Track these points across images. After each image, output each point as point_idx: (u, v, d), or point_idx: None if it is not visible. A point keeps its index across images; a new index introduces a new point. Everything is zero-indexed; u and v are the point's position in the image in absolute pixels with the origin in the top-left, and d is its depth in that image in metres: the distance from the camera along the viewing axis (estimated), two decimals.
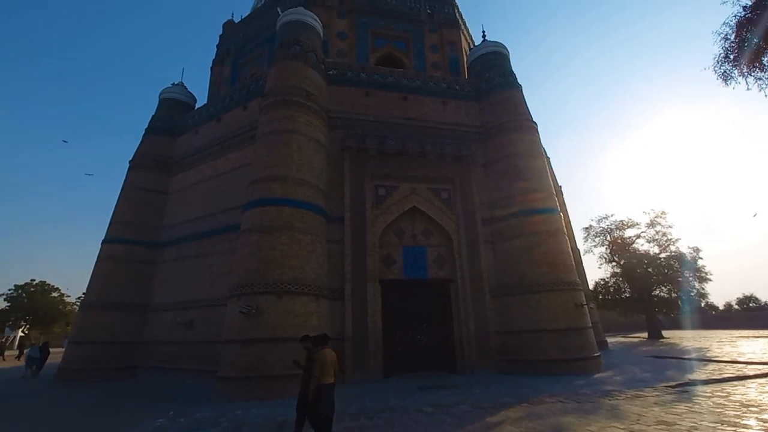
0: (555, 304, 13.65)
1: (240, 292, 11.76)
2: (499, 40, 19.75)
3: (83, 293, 19.60)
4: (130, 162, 20.18)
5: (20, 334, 43.81)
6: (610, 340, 27.44)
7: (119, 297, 16.80)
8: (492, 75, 18.19)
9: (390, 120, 16.33)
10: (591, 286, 30.08)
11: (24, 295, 39.52)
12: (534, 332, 13.48)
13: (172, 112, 21.56)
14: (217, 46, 26.17)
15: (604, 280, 32.36)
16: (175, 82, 23.11)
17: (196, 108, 21.92)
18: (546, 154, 20.41)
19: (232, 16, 26.94)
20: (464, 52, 22.39)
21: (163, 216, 19.09)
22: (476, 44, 20.47)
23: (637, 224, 31.76)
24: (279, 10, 19.68)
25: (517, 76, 18.60)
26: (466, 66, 21.01)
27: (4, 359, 30.67)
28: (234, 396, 10.38)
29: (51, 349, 22.01)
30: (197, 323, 15.09)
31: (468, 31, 25.36)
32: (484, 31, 20.21)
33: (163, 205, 19.30)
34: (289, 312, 11.50)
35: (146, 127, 21.31)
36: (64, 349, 17.65)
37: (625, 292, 31.41)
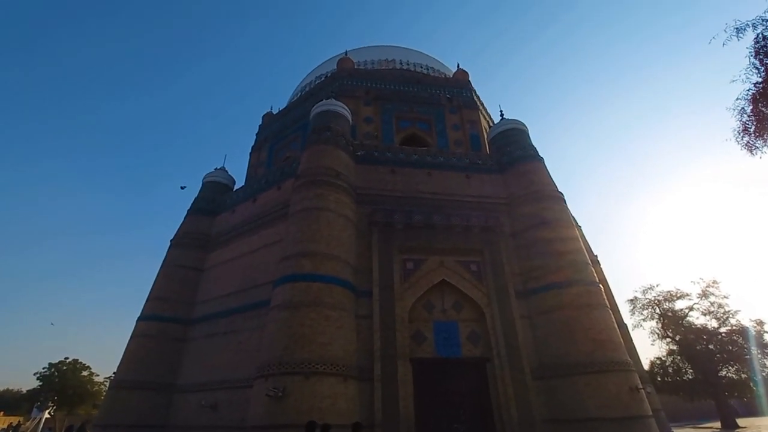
0: (606, 388, 12.37)
1: (267, 373, 11.47)
2: (517, 118, 20.85)
3: (113, 373, 19.59)
4: (171, 240, 21.42)
5: (46, 415, 43.25)
6: (677, 431, 23.86)
7: (149, 376, 16.68)
8: (513, 149, 18.92)
9: (416, 195, 16.90)
10: (646, 366, 27.13)
11: (56, 373, 39.71)
12: (585, 421, 12.07)
13: (214, 194, 23.30)
14: (257, 134, 28.97)
15: (661, 359, 29.24)
16: (218, 167, 25.32)
17: (234, 189, 23.63)
18: (576, 223, 20.14)
19: (271, 109, 30.16)
20: (484, 130, 23.63)
21: (197, 292, 19.58)
22: (495, 122, 21.65)
23: (688, 295, 29.39)
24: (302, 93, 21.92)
25: (538, 150, 19.23)
26: (486, 142, 22.03)
27: None
28: None
29: None
30: (223, 406, 14.53)
31: (486, 111, 27.02)
32: (501, 111, 21.52)
33: (198, 281, 19.92)
34: (317, 394, 10.99)
35: (189, 207, 22.97)
36: None
37: (686, 373, 28.06)
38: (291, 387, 10.98)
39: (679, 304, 29.38)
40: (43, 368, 39.71)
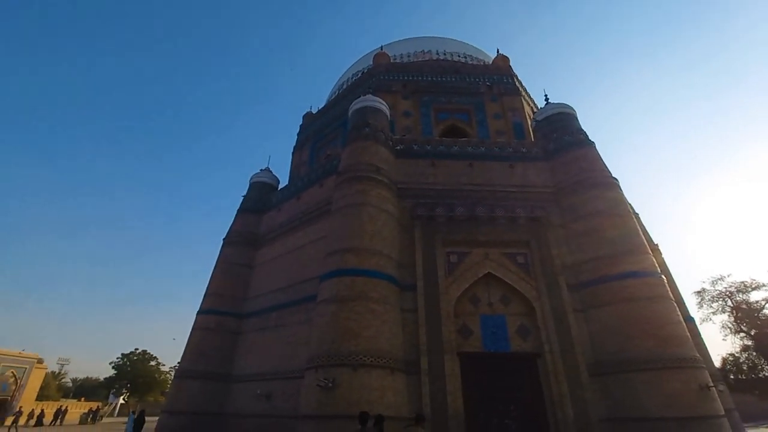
0: (670, 386, 11.53)
1: (317, 364, 11.83)
2: (565, 101, 19.75)
3: (177, 363, 21.16)
4: (224, 239, 22.67)
5: (121, 401, 47.67)
6: None
7: (209, 366, 17.85)
8: (560, 135, 17.98)
9: (457, 187, 16.59)
10: (717, 363, 24.93)
11: (128, 363, 43.67)
12: (646, 421, 11.34)
13: (260, 193, 24.32)
14: (298, 134, 29.79)
15: (734, 355, 26.75)
16: (263, 168, 26.37)
17: (279, 188, 24.51)
18: (634, 210, 18.81)
19: (311, 109, 30.86)
20: (528, 117, 22.67)
21: (249, 288, 20.60)
22: (540, 108, 20.68)
23: (764, 285, 26.56)
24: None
25: (587, 134, 18.14)
26: (531, 129, 21.13)
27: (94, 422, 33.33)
28: None
29: (147, 417, 23.47)
30: (276, 396, 15.23)
31: (529, 97, 25.89)
32: (546, 95, 20.50)
33: (250, 278, 20.94)
34: (365, 386, 11.19)
35: (238, 207, 24.15)
36: (158, 418, 18.73)
37: (762, 370, 25.47)
38: (340, 378, 11.26)
39: (755, 296, 26.67)
40: (117, 358, 43.77)
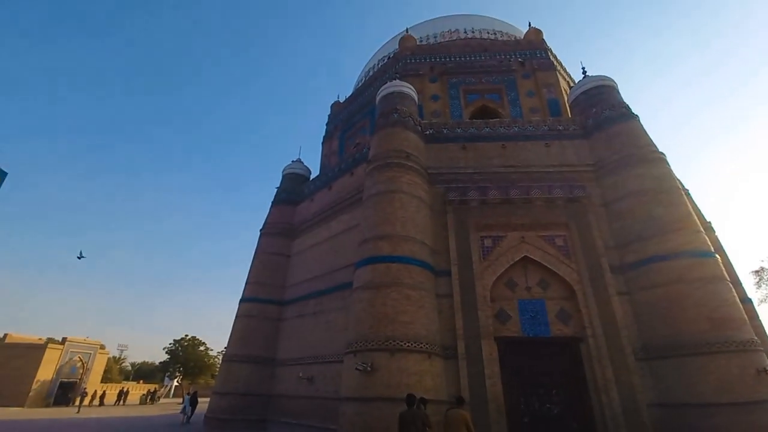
0: (725, 370, 10.89)
1: (355, 349, 12.12)
2: (605, 74, 18.59)
3: (224, 348, 22.40)
4: (261, 230, 23.47)
5: (175, 383, 51.22)
6: None
7: (254, 351, 18.80)
8: (600, 109, 17.00)
9: (490, 170, 16.17)
10: None
11: (180, 348, 46.66)
12: (699, 406, 10.80)
13: (293, 184, 24.87)
14: (326, 124, 30.02)
15: None
16: (294, 159, 26.87)
17: (311, 179, 24.94)
18: (683, 186, 17.61)
19: (338, 98, 30.92)
20: (564, 92, 21.58)
21: (287, 276, 21.32)
22: (576, 82, 19.61)
23: None
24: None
25: (630, 107, 17.03)
26: (567, 105, 20.12)
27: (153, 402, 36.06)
28: None
29: (198, 398, 25.15)
30: (318, 379, 15.81)
31: (565, 71, 24.57)
32: (584, 68, 19.35)
33: (287, 266, 21.64)
34: (403, 370, 11.35)
35: (273, 199, 24.85)
36: (209, 399, 20.05)
37: None
38: (378, 362, 11.49)
39: None
40: (169, 344, 46.85)
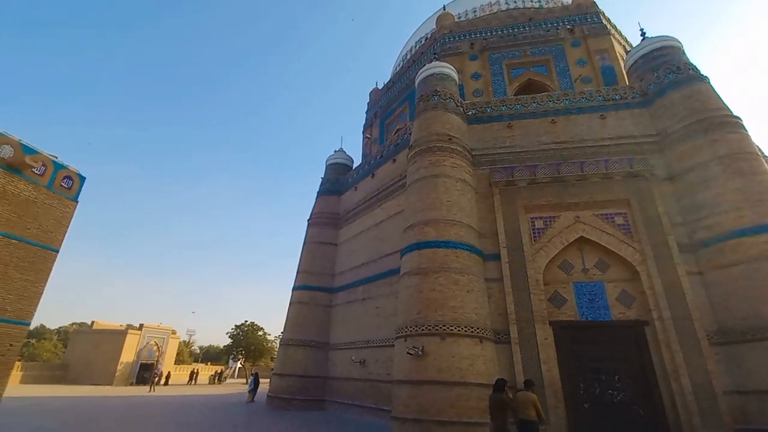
0: None
1: (405, 334, 12.27)
2: (668, 34, 16.82)
3: (281, 332, 23.66)
4: (308, 220, 24.26)
5: (238, 366, 55.10)
6: None
7: (308, 336, 19.72)
8: (662, 73, 15.44)
9: (539, 147, 15.38)
10: None
11: (241, 333, 50.00)
12: None
13: (337, 174, 25.33)
14: (366, 112, 30.05)
15: None
16: (336, 149, 27.27)
17: (353, 168, 25.22)
18: (762, 153, 15.64)
19: (376, 84, 30.75)
20: (620, 58, 19.88)
21: (335, 264, 21.94)
22: (634, 46, 17.94)
23: None
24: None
25: (698, 68, 15.32)
26: (624, 72, 18.51)
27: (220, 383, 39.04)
28: None
29: (260, 379, 26.91)
30: (369, 362, 16.26)
31: (620, 35, 22.57)
32: (642, 29, 17.62)
33: (335, 255, 22.25)
34: (454, 354, 11.34)
35: (318, 189, 25.49)
36: (269, 380, 21.41)
37: None
38: (429, 347, 11.57)
39: None
40: (231, 329, 50.30)
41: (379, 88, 29.80)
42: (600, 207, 13.53)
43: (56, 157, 7.89)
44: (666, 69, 15.47)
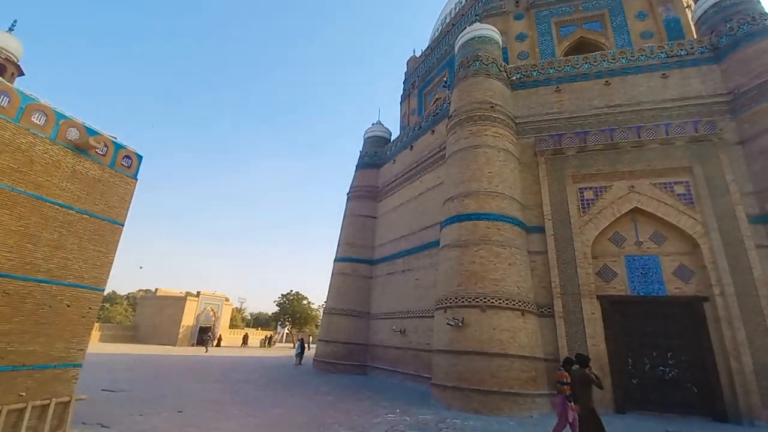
0: None
1: (445, 305, 12.39)
2: None
3: (324, 302, 24.75)
4: (348, 194, 24.61)
5: (286, 331, 58.55)
6: None
7: (350, 305, 20.48)
8: (736, 24, 13.65)
9: (590, 112, 14.36)
10: None
11: (287, 302, 52.86)
12: None
13: (375, 147, 25.25)
14: (403, 82, 29.31)
15: None
16: (374, 122, 27.05)
17: (391, 140, 24.98)
18: None
19: (414, 52, 29.74)
20: (686, 8, 17.73)
21: (375, 236, 22.29)
22: None
23: None
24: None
25: None
26: (692, 25, 16.55)
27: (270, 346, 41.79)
28: (451, 404, 10.86)
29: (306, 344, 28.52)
30: (409, 332, 16.68)
31: None
32: None
33: (375, 227, 22.57)
34: (495, 326, 11.34)
35: (356, 163, 25.63)
36: (315, 345, 22.66)
37: None
38: (469, 318, 11.63)
39: None
40: (278, 297, 53.26)
41: (417, 56, 28.83)
42: (658, 175, 12.57)
43: (116, 138, 8.45)
44: (740, 19, 13.65)
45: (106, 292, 8.62)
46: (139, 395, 10.81)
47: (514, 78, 16.02)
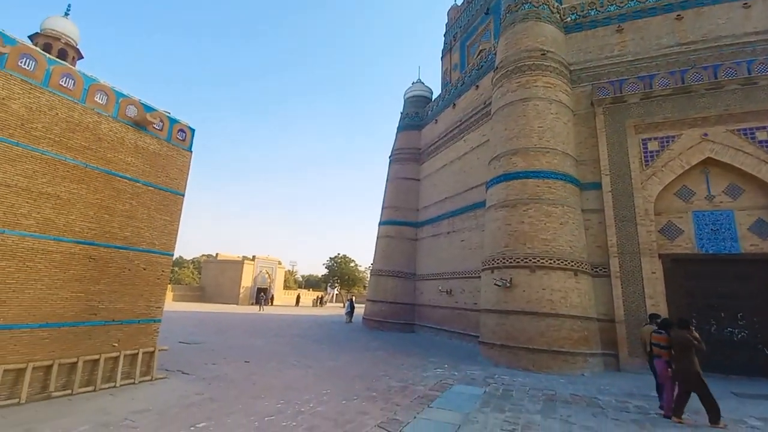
0: None
1: (492, 266, 12.27)
2: None
3: (371, 264, 25.49)
4: (390, 157, 24.44)
5: (335, 292, 61.61)
6: None
7: (396, 267, 20.98)
8: None
9: (657, 53, 12.80)
10: None
11: (335, 264, 55.27)
12: None
13: (416, 108, 24.53)
14: (444, 35, 27.64)
15: None
16: (414, 81, 26.06)
17: (433, 99, 24.08)
18: None
19: (455, 1, 27.72)
20: None
21: (419, 199, 22.21)
22: None
23: None
24: None
25: None
26: None
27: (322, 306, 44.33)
28: (499, 361, 11.02)
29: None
30: (456, 292, 16.86)
31: None
32: None
33: (418, 190, 22.44)
34: (545, 287, 11.10)
35: (397, 125, 25.15)
36: (364, 305, 23.68)
37: None
38: (517, 279, 11.47)
39: None
40: (328, 260, 55.81)
41: (459, 4, 26.89)
42: (737, 121, 11.12)
43: (169, 113, 8.88)
44: None
45: (174, 257, 9.44)
46: (210, 347, 12.06)
47: (569, 20, 14.53)
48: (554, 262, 11.26)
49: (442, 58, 27.36)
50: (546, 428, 5.77)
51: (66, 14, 13.60)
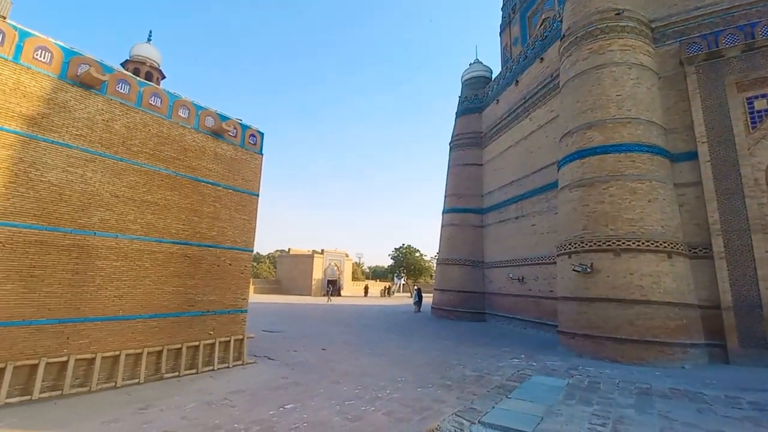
0: None
1: (569, 250, 11.47)
2: None
3: (436, 253, 25.32)
4: (450, 143, 23.87)
5: (402, 282, 62.32)
6: None
7: (462, 255, 20.58)
8: None
9: None
10: None
11: (400, 255, 55.85)
12: None
13: (475, 90, 23.58)
14: (502, 8, 26.06)
15: None
16: (472, 62, 25.03)
17: (493, 79, 22.94)
18: None
19: None
20: None
21: (482, 185, 21.45)
22: None
23: None
24: None
25: None
26: None
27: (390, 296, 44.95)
28: (581, 352, 10.32)
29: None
30: (528, 279, 16.07)
31: None
32: None
33: (481, 175, 21.67)
34: (633, 271, 10.11)
35: (456, 110, 24.42)
36: (432, 294, 23.63)
37: None
38: (599, 264, 10.58)
39: None
40: (392, 251, 56.57)
41: None
42: None
43: (241, 120, 9.54)
44: None
45: (253, 253, 10.22)
46: (289, 335, 12.93)
47: None
48: (643, 243, 10.19)
49: (500, 33, 25.86)
50: (641, 424, 5.28)
51: (148, 40, 15.19)
